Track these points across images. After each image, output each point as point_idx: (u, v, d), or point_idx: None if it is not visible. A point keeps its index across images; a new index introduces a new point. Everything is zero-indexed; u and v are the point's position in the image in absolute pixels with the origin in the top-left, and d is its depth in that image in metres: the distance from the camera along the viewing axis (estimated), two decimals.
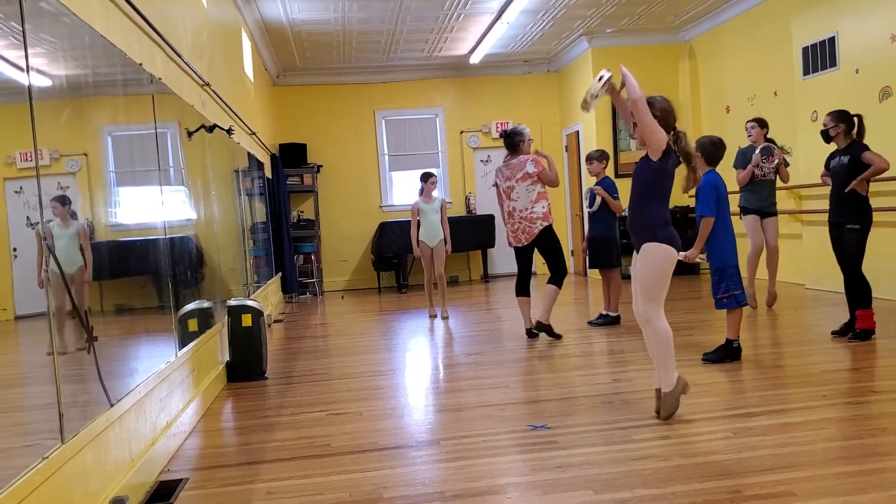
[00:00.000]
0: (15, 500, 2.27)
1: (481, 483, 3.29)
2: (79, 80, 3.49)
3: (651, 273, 4.03)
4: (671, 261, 4.05)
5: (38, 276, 2.88)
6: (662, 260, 4.02)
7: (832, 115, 5.99)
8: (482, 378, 5.43)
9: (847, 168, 5.81)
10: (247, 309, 5.85)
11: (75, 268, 2.92)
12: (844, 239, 5.88)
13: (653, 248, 4.03)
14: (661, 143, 3.97)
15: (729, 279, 5.42)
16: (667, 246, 4.02)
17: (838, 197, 5.91)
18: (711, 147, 5.52)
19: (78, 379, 3.09)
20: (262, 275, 9.69)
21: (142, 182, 4.52)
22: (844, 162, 5.86)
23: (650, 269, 4.03)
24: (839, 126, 5.91)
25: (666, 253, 4.02)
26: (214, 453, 4.06)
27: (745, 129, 7.70)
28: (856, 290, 5.84)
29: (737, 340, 5.44)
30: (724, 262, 5.45)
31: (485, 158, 13.69)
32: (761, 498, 2.92)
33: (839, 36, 8.22)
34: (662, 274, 4.04)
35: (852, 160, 5.79)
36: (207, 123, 6.06)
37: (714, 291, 5.48)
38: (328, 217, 13.14)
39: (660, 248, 4.01)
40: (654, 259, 4.03)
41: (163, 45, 4.70)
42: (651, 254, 4.03)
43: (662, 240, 4.02)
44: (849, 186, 5.74)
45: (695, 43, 11.84)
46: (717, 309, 5.56)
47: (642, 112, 3.93)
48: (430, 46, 11.90)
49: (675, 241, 4.07)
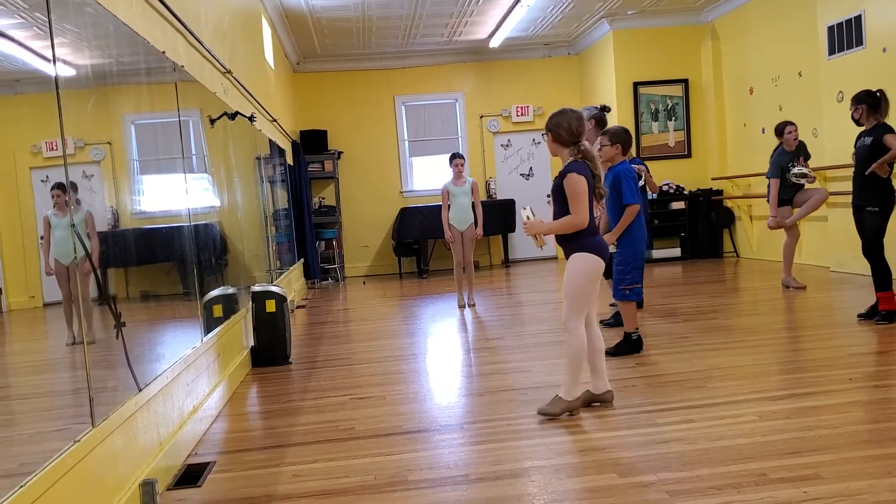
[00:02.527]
0: (48, 482, 2.31)
1: (505, 466, 3.31)
2: (102, 70, 3.52)
3: (574, 283, 3.97)
4: (597, 270, 3.99)
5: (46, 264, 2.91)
6: (586, 270, 3.96)
7: (852, 98, 5.98)
8: (504, 362, 5.44)
9: (869, 150, 5.75)
10: (271, 294, 5.90)
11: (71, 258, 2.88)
12: (863, 221, 5.83)
13: (578, 258, 3.97)
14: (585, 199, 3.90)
15: (635, 271, 5.33)
16: (592, 256, 3.96)
17: (860, 179, 5.86)
18: (626, 136, 5.44)
19: (106, 364, 3.13)
20: (285, 261, 9.75)
21: (165, 170, 4.55)
22: (867, 143, 5.80)
23: (574, 280, 3.97)
24: (859, 108, 5.86)
25: (591, 263, 3.96)
26: (240, 437, 4.11)
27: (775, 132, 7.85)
28: (875, 272, 5.79)
29: (636, 332, 5.36)
30: (635, 255, 5.36)
31: (505, 143, 13.65)
32: (787, 481, 2.91)
33: (866, 14, 8.09)
34: (586, 283, 3.97)
35: (875, 142, 5.72)
36: (229, 111, 6.09)
37: (618, 281, 5.32)
38: (349, 203, 13.18)
39: (585, 259, 3.96)
40: (579, 269, 3.96)
41: (185, 32, 4.72)
42: (576, 264, 3.97)
43: (587, 249, 3.97)
44: (869, 169, 5.68)
45: (717, 24, 11.69)
46: (617, 299, 5.43)
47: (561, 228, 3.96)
48: (449, 31, 11.85)
49: (601, 250, 4.00)
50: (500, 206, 12.83)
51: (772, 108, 10.37)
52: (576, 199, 3.88)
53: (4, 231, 2.79)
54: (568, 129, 3.96)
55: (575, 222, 3.91)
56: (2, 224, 2.78)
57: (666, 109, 12.24)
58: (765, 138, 10.57)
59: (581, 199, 3.88)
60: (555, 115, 4.03)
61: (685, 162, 12.27)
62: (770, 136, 10.47)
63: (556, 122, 3.98)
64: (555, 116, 4.02)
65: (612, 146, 5.38)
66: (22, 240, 2.88)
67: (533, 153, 13.65)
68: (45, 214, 2.90)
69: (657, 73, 12.09)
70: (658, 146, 12.25)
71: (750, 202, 11.17)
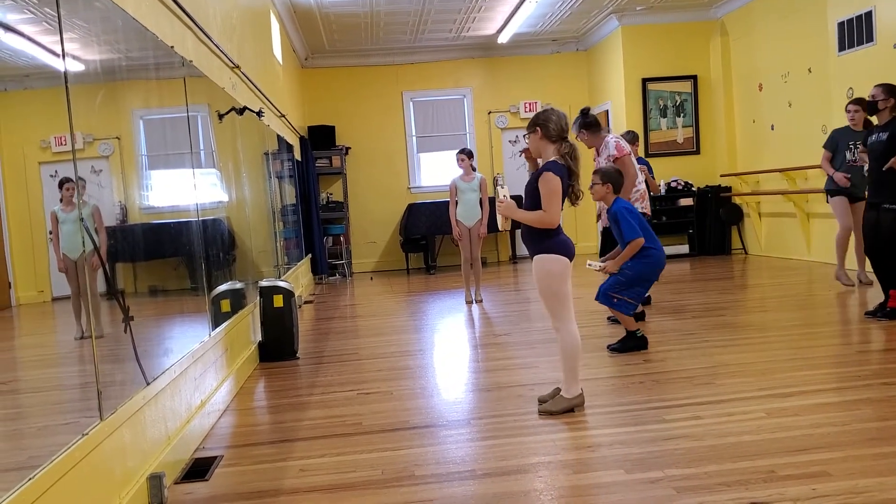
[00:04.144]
0: (56, 475, 2.32)
1: (512, 462, 3.31)
2: (111, 65, 3.53)
3: (546, 286, 3.94)
4: (563, 271, 3.95)
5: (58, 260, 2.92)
6: (555, 271, 3.93)
7: (883, 87, 5.77)
8: (511, 358, 5.44)
9: (886, 145, 5.65)
10: (278, 290, 5.90)
11: (79, 253, 2.90)
12: (880, 219, 5.73)
13: (544, 259, 3.94)
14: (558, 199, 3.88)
15: (635, 289, 5.32)
16: (557, 255, 3.93)
17: (876, 175, 5.74)
18: (617, 175, 5.44)
19: (115, 359, 3.14)
20: (293, 256, 9.76)
21: (174, 165, 4.56)
22: (883, 138, 5.70)
23: (545, 282, 3.94)
24: (889, 100, 5.73)
25: (557, 263, 3.92)
26: (248, 431, 4.12)
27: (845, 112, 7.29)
28: (888, 271, 5.72)
29: (639, 329, 5.35)
30: (643, 275, 5.35)
31: (513, 139, 13.63)
32: (795, 478, 2.90)
33: (876, 10, 8.04)
34: (558, 284, 3.94)
35: (891, 137, 5.63)
36: (237, 106, 6.09)
37: (614, 290, 5.28)
38: (357, 199, 13.19)
39: (550, 260, 3.92)
40: (548, 271, 3.93)
41: (193, 27, 4.73)
42: (543, 265, 3.94)
43: (552, 249, 3.93)
44: (887, 165, 5.58)
45: (727, 20, 11.64)
46: (601, 302, 5.39)
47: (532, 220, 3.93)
48: (457, 27, 11.84)
49: (567, 248, 3.96)
50: None
51: (781, 104, 10.33)
52: (549, 197, 3.86)
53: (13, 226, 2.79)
54: (556, 124, 3.95)
55: (545, 220, 3.89)
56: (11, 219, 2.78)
57: (674, 106, 12.20)
58: (774, 135, 10.54)
59: (554, 198, 3.86)
60: (541, 113, 4.03)
61: (694, 158, 12.23)
62: (778, 133, 10.46)
63: (545, 118, 3.97)
64: (541, 114, 4.02)
65: (602, 185, 5.38)
66: (31, 234, 2.89)
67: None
68: (53, 210, 2.91)
69: (666, 69, 12.05)
70: (666, 143, 12.22)
71: (758, 199, 11.12)
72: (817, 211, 9.59)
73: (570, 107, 13.02)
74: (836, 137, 7.17)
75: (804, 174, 9.81)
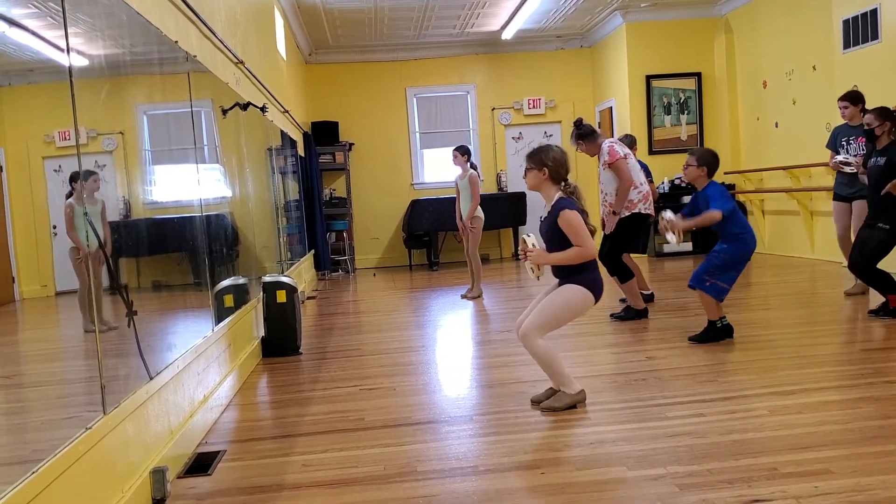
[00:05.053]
0: (60, 468, 2.33)
1: (514, 458, 3.31)
2: (115, 59, 3.53)
3: (557, 309, 3.94)
4: (585, 307, 3.98)
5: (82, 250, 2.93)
6: (578, 304, 3.94)
7: (875, 112, 5.78)
8: (513, 355, 5.43)
9: (882, 170, 5.65)
10: (281, 285, 5.91)
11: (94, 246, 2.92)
12: (873, 236, 5.72)
13: (574, 290, 3.93)
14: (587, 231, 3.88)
15: (732, 275, 5.27)
16: (588, 293, 3.92)
17: (874, 200, 5.75)
18: (713, 158, 5.36)
19: (118, 353, 3.15)
20: (296, 252, 9.77)
21: (177, 160, 4.57)
22: (880, 164, 5.70)
23: (560, 306, 3.93)
24: (885, 124, 5.72)
25: (584, 298, 3.92)
26: (251, 426, 4.13)
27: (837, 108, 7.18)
28: (878, 281, 5.74)
29: (721, 320, 5.32)
30: (738, 258, 5.29)
31: (516, 135, 13.62)
32: (798, 476, 2.90)
33: (881, 8, 8.01)
34: (568, 315, 3.98)
35: (888, 163, 5.63)
36: (241, 101, 6.09)
37: (708, 273, 5.26)
38: (360, 195, 13.19)
39: (580, 293, 3.91)
40: (569, 301, 3.93)
41: (197, 22, 4.73)
42: (570, 295, 3.93)
43: (586, 285, 3.92)
44: (884, 190, 5.58)
45: (731, 17, 11.61)
46: (695, 286, 5.33)
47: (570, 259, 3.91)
48: (461, 23, 11.82)
49: (598, 289, 3.96)
50: (511, 199, 12.81)
51: (785, 102, 10.30)
52: (577, 232, 3.85)
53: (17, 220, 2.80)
54: (563, 165, 3.95)
55: (585, 254, 3.87)
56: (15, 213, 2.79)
57: (678, 103, 12.18)
58: (778, 132, 10.52)
59: (582, 230, 3.85)
60: (543, 151, 3.98)
61: None
62: (783, 130, 10.43)
63: (553, 159, 3.94)
64: (545, 152, 3.97)
65: (697, 167, 5.30)
66: (35, 229, 2.89)
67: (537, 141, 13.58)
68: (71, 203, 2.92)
69: (670, 66, 12.03)
70: (670, 140, 12.20)
71: (762, 196, 11.11)
72: (821, 209, 9.57)
73: (573, 103, 13.16)
74: (835, 134, 7.11)
75: (808, 172, 9.79)
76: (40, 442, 2.57)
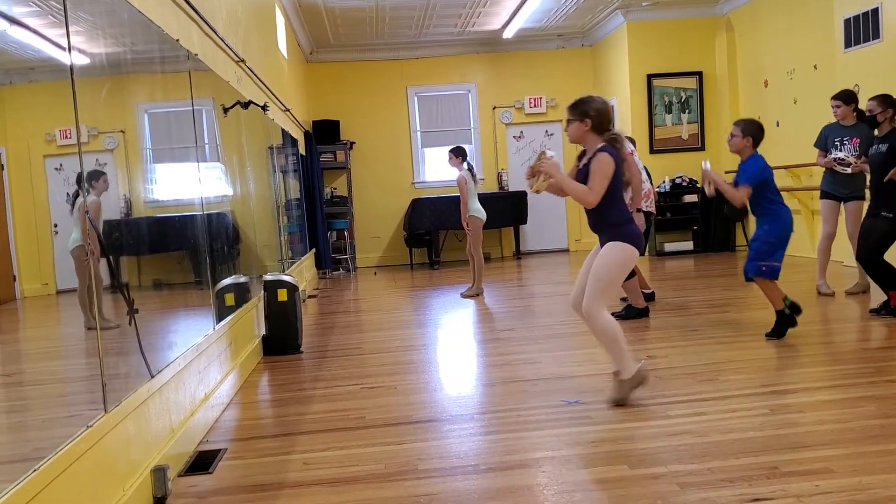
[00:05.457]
0: (61, 467, 2.33)
1: (515, 457, 3.31)
2: (117, 58, 3.53)
3: (608, 271, 3.90)
4: (632, 261, 3.96)
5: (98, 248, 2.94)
6: (624, 259, 3.92)
7: (878, 99, 5.76)
8: (514, 354, 5.44)
9: (884, 157, 5.64)
10: (282, 284, 5.91)
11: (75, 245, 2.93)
12: (875, 226, 5.72)
13: (617, 247, 3.91)
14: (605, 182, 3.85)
15: (781, 253, 5.21)
16: (630, 246, 3.91)
17: (877, 187, 5.74)
18: (758, 130, 5.28)
19: (119, 351, 3.15)
20: (297, 251, 9.77)
21: (178, 159, 4.57)
22: (882, 150, 5.69)
23: (609, 267, 3.90)
24: (888, 111, 5.71)
25: (629, 253, 3.91)
26: (252, 425, 4.13)
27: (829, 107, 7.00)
28: (882, 275, 5.72)
29: (785, 298, 5.25)
30: (781, 235, 5.23)
31: (517, 134, 13.62)
32: (799, 474, 2.90)
33: (883, 7, 8.00)
34: (619, 273, 3.95)
35: (891, 149, 5.63)
36: (243, 100, 6.10)
37: (760, 258, 5.21)
38: (361, 193, 13.18)
39: (623, 249, 3.90)
40: (616, 258, 3.91)
41: (198, 20, 4.72)
42: (614, 253, 3.91)
43: (626, 239, 3.91)
44: (887, 177, 5.57)
45: (732, 16, 11.61)
46: (753, 275, 5.27)
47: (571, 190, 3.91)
48: (462, 21, 11.82)
49: (639, 241, 3.96)
50: (512, 198, 12.80)
51: (787, 101, 10.30)
52: (597, 176, 3.82)
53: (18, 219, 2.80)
54: (606, 116, 3.92)
55: (585, 197, 3.85)
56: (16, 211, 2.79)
57: (679, 102, 12.17)
58: (779, 131, 10.51)
59: (600, 178, 3.81)
60: (585, 102, 3.95)
61: (698, 155, 12.17)
62: (784, 129, 10.42)
63: (596, 109, 3.91)
64: (587, 104, 3.94)
65: (742, 138, 5.24)
66: (35, 227, 2.89)
67: (545, 145, 13.58)
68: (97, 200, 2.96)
69: (671, 65, 12.02)
70: (671, 139, 12.19)
71: None
72: None
73: None
74: (825, 134, 6.94)
75: (809, 171, 9.78)
76: (41, 440, 2.57)
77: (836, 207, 6.91)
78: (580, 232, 13.34)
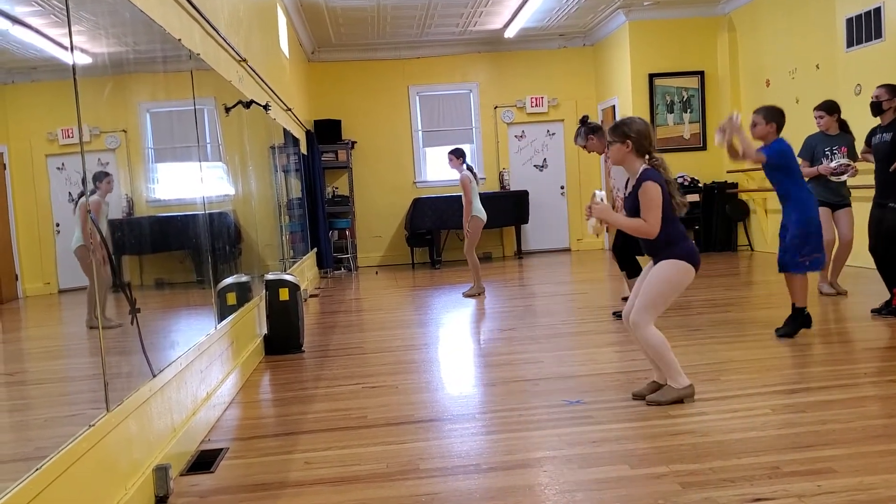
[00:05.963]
0: (63, 466, 2.33)
1: (517, 456, 3.31)
2: (119, 57, 3.53)
3: (660, 289, 3.88)
4: (687, 279, 3.92)
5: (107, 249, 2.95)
6: (678, 278, 3.89)
7: (887, 87, 5.73)
8: (516, 353, 5.44)
9: (889, 146, 5.62)
10: (284, 283, 5.91)
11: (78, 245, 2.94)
12: (884, 218, 5.69)
13: (670, 264, 3.88)
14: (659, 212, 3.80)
15: (815, 240, 5.12)
16: (685, 263, 3.88)
17: (882, 176, 5.70)
18: (780, 116, 5.30)
19: (121, 350, 3.15)
20: (298, 250, 9.77)
21: (180, 158, 4.57)
22: (887, 139, 5.67)
23: (662, 285, 3.88)
24: (893, 100, 5.69)
25: (683, 271, 3.88)
26: (253, 424, 4.13)
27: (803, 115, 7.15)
28: (890, 270, 5.69)
29: (806, 305, 5.19)
30: (810, 223, 5.13)
31: (519, 134, 13.61)
32: (800, 474, 2.90)
33: (885, 6, 8.00)
34: (671, 291, 3.92)
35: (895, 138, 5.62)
36: (244, 99, 6.10)
37: (795, 252, 5.13)
38: (362, 193, 13.19)
39: (677, 266, 3.87)
40: (669, 277, 3.87)
41: (201, 20, 4.72)
42: (667, 270, 3.88)
43: (681, 256, 3.88)
44: (893, 166, 5.55)
45: (734, 15, 11.60)
46: (794, 271, 5.18)
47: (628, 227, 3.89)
48: (464, 21, 11.82)
49: (694, 258, 3.91)
50: (513, 197, 12.81)
51: (789, 100, 10.26)
52: (649, 207, 3.78)
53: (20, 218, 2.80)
54: (647, 137, 3.87)
55: (644, 230, 3.82)
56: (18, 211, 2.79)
57: (681, 101, 12.17)
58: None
59: (654, 207, 3.78)
60: (626, 124, 3.91)
61: (700, 154, 12.20)
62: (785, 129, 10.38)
63: (637, 130, 3.86)
64: (628, 125, 3.89)
65: (766, 124, 5.25)
66: (38, 227, 2.89)
67: (547, 144, 13.60)
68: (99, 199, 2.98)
69: (673, 64, 12.02)
70: (673, 138, 12.19)
71: (765, 195, 11.09)
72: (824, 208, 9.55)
73: (576, 102, 13.14)
74: (811, 144, 6.85)
75: None
76: (43, 439, 2.57)
77: (829, 215, 6.86)
78: (581, 232, 13.34)
